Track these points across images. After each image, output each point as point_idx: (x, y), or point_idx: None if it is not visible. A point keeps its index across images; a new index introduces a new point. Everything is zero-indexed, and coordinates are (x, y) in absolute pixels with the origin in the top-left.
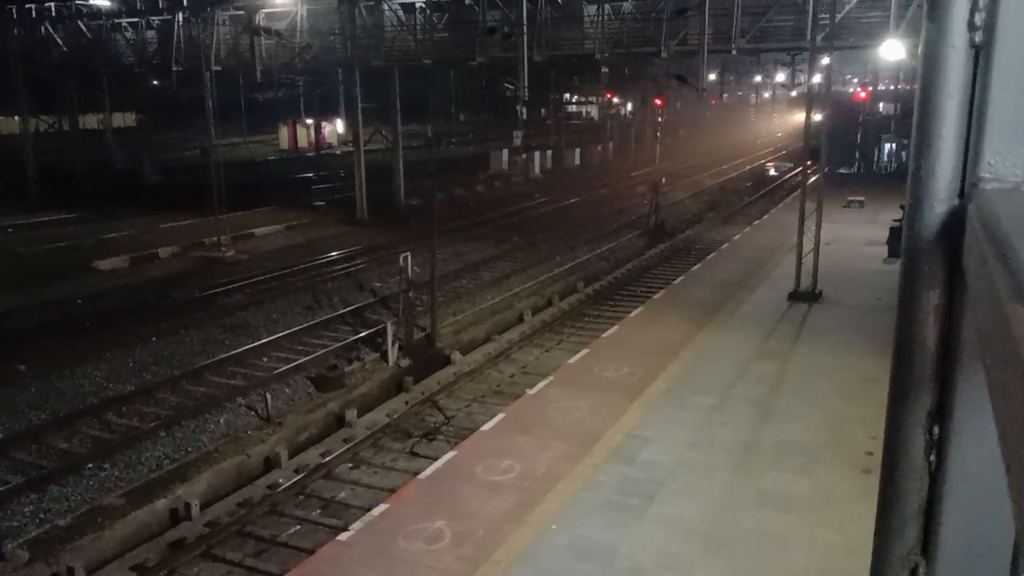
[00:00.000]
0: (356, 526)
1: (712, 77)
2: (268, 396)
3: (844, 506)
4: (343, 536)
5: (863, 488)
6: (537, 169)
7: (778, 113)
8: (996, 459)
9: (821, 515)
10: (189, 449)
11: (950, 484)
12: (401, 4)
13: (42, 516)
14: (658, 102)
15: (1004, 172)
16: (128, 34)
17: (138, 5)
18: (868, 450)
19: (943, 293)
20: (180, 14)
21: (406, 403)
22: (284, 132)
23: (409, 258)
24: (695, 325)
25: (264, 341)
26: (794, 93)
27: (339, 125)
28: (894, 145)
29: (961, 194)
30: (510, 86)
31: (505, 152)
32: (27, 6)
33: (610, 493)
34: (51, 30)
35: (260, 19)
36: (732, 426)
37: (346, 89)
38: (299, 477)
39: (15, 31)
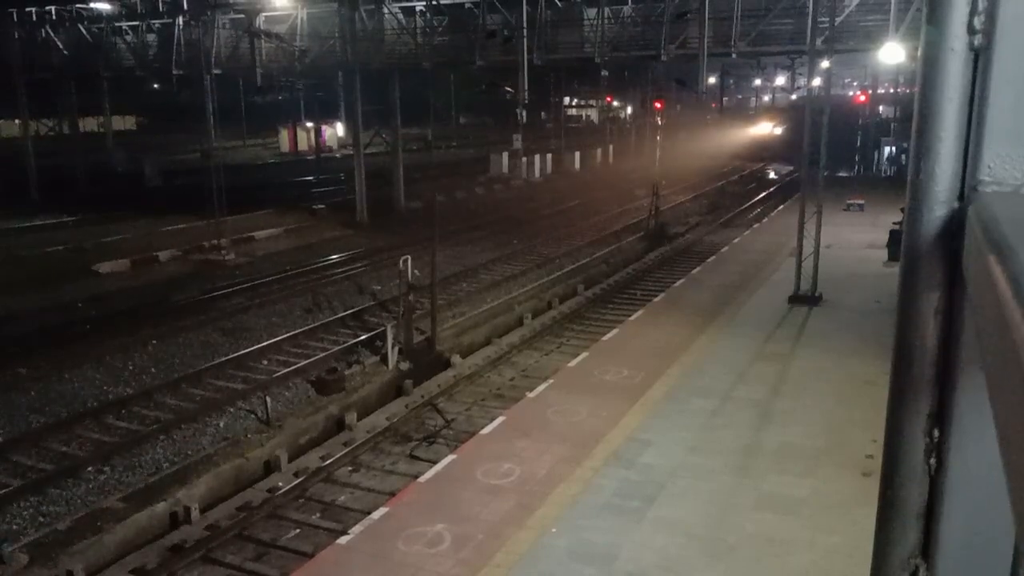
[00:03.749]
0: (356, 530)
1: (712, 81)
2: (268, 399)
3: (844, 509)
4: (343, 540)
5: (863, 491)
6: (537, 172)
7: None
8: (996, 462)
9: (821, 518)
10: (189, 452)
11: (950, 487)
12: (401, 7)
13: (41, 519)
14: (658, 105)
15: (1004, 175)
16: (128, 38)
17: (139, 9)
18: (868, 453)
19: (943, 296)
20: (180, 18)
21: (406, 406)
22: (284, 135)
23: (409, 261)
24: (695, 328)
25: (264, 344)
26: (794, 96)
27: (339, 128)
28: (894, 148)
29: (961, 197)
30: (510, 89)
31: (505, 155)
32: (27, 10)
33: (610, 496)
34: (51, 34)
35: (260, 23)
36: (732, 429)
37: (346, 92)
38: (299, 480)
39: (16, 35)
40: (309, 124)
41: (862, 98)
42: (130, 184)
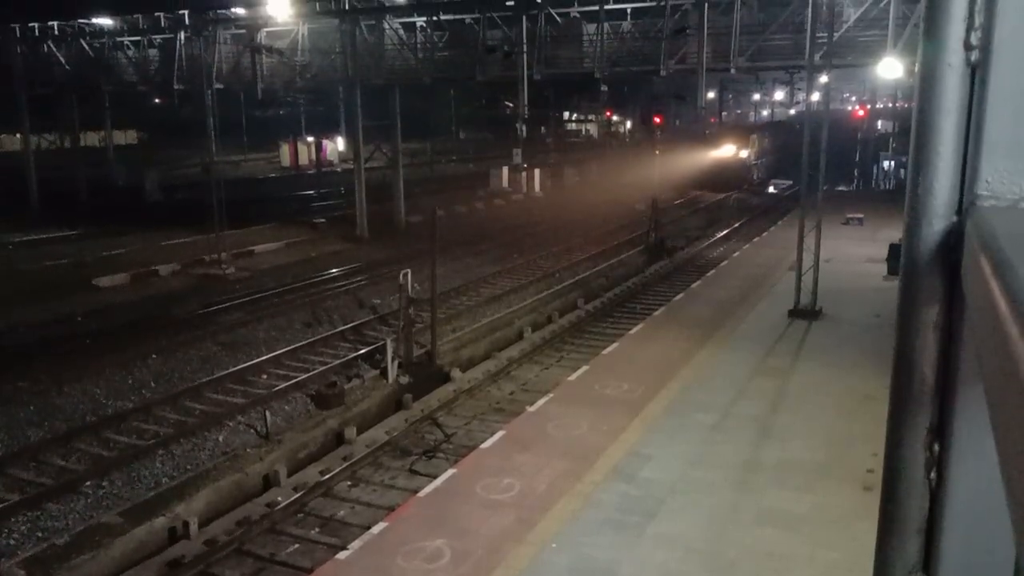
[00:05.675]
0: (355, 545)
1: (711, 95)
2: (267, 413)
3: (845, 524)
4: (342, 555)
5: (864, 505)
6: (537, 187)
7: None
8: (996, 476)
9: (822, 533)
10: (188, 467)
11: (951, 501)
12: (401, 23)
13: (39, 534)
14: (657, 120)
15: (1002, 189)
16: (130, 53)
17: (140, 24)
18: (869, 467)
19: (942, 310)
20: (182, 33)
21: (406, 421)
22: (285, 149)
23: (409, 275)
24: (695, 342)
25: (264, 358)
26: (792, 111)
27: (340, 143)
28: (892, 163)
29: (959, 211)
30: (510, 104)
31: (505, 170)
32: (30, 25)
33: (610, 511)
34: (53, 48)
35: (261, 38)
36: (732, 443)
37: (347, 107)
38: (298, 495)
39: (18, 49)
40: (310, 138)
41: (861, 113)
42: (131, 198)
